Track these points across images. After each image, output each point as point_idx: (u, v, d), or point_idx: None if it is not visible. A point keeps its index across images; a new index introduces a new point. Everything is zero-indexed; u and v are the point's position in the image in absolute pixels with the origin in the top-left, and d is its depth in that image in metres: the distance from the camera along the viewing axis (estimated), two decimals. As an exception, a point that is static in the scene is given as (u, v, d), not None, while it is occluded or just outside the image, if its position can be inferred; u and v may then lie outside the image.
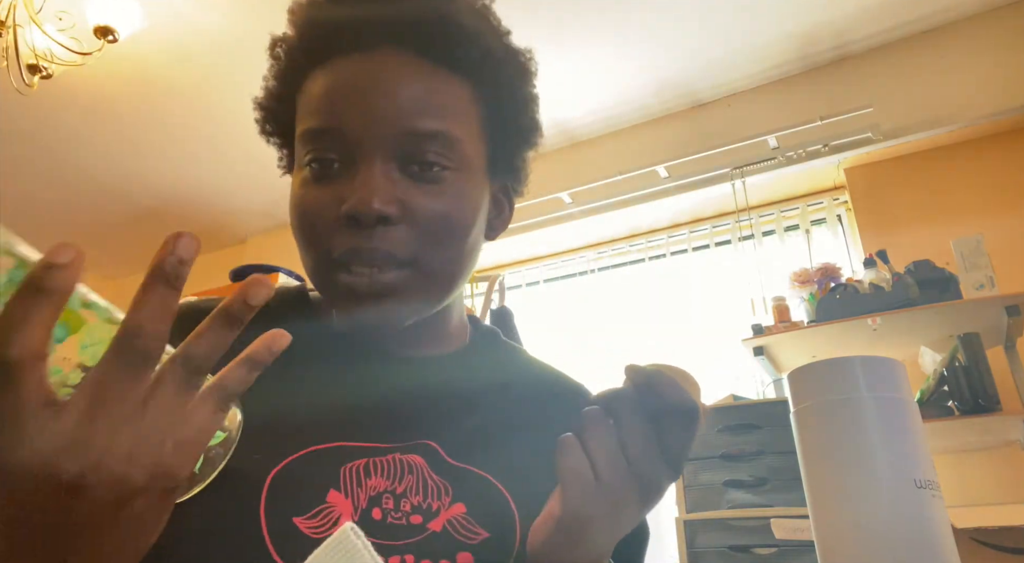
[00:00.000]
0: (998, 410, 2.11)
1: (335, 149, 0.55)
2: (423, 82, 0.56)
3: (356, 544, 0.34)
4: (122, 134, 3.27)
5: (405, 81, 0.55)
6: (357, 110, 0.54)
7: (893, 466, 0.45)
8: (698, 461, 1.91)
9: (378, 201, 0.52)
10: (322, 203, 0.54)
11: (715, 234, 3.35)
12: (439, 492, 0.54)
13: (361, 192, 0.52)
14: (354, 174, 0.54)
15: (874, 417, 0.46)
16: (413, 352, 0.63)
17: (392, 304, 0.54)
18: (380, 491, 0.52)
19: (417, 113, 0.54)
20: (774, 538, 1.68)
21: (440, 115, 0.55)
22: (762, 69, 3.01)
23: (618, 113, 3.25)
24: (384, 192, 0.53)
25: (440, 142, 0.55)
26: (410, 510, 0.52)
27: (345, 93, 0.55)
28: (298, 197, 0.56)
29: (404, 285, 0.54)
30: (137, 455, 0.33)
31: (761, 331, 2.42)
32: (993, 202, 2.69)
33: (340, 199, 0.53)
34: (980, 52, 2.72)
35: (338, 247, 0.53)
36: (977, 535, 1.93)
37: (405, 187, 0.54)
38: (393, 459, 0.54)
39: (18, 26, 2.33)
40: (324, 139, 0.55)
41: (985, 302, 2.14)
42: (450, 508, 0.53)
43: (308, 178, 0.56)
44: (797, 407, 0.50)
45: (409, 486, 0.54)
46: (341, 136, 0.54)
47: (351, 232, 0.53)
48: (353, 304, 0.54)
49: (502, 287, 2.71)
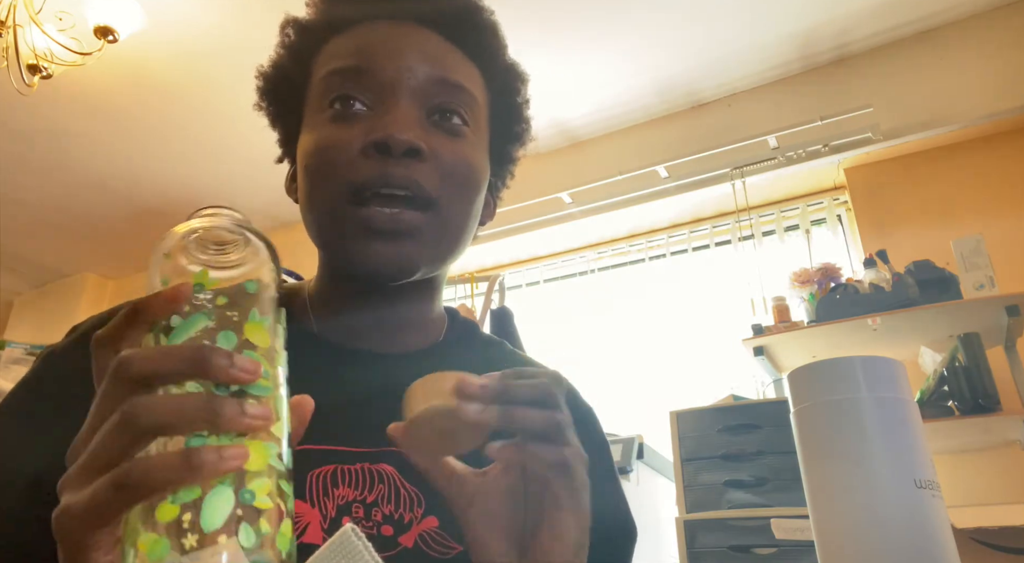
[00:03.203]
0: (998, 410, 2.11)
1: (362, 90, 0.55)
2: (447, 51, 0.59)
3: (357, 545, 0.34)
4: (122, 134, 3.27)
5: (433, 45, 0.58)
6: (388, 55, 0.56)
7: (893, 466, 0.45)
8: (698, 461, 1.91)
9: (408, 132, 0.53)
10: (346, 138, 0.54)
11: (715, 234, 3.35)
12: (411, 503, 0.52)
13: (390, 123, 0.53)
14: (382, 113, 0.54)
15: (874, 417, 0.46)
16: (390, 346, 0.61)
17: (409, 245, 0.54)
18: (349, 500, 0.51)
19: (448, 69, 0.57)
20: (774, 538, 1.68)
21: (466, 78, 0.59)
22: (762, 69, 3.01)
23: (618, 113, 3.25)
24: (411, 127, 0.54)
25: (464, 95, 0.58)
26: (382, 520, 0.51)
27: (377, 42, 0.57)
28: (317, 136, 0.56)
29: (422, 227, 0.54)
30: None
31: (761, 331, 2.42)
32: (993, 202, 2.69)
33: (366, 133, 0.53)
34: (980, 52, 2.72)
35: (362, 174, 0.53)
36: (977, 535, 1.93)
37: (431, 132, 0.56)
38: (362, 469, 0.52)
39: (18, 26, 2.33)
40: (353, 78, 0.56)
41: (985, 302, 2.14)
42: (423, 521, 0.51)
43: (329, 119, 0.56)
44: (797, 407, 0.50)
45: (381, 495, 0.52)
46: (371, 76, 0.55)
47: (376, 161, 0.53)
48: (372, 239, 0.53)
49: (502, 287, 2.71)
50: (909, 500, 0.44)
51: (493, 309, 2.56)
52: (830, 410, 0.47)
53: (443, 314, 0.68)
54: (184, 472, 0.28)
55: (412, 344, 0.63)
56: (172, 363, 0.30)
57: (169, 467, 0.28)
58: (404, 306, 0.61)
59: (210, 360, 0.30)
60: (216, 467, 0.28)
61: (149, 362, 0.30)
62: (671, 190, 3.15)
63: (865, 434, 0.46)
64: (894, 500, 0.44)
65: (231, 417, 0.30)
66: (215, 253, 0.35)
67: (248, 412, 0.30)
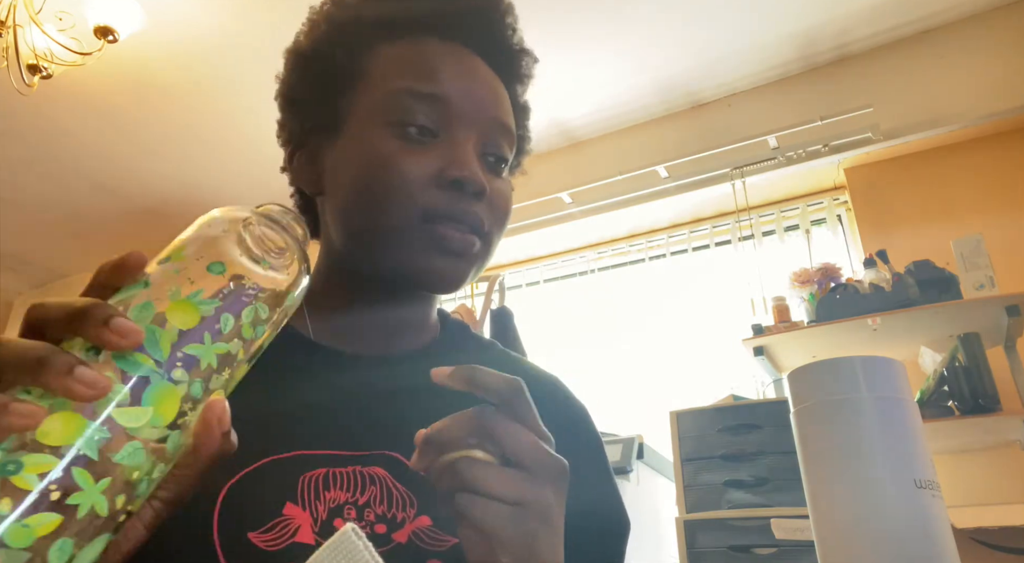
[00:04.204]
0: (998, 410, 2.11)
1: (432, 116, 0.58)
2: (501, 87, 0.63)
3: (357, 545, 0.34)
4: (122, 134, 3.27)
5: (492, 79, 0.63)
6: (465, 88, 0.59)
7: (893, 466, 0.45)
8: (698, 461, 1.91)
9: (481, 176, 0.57)
10: (416, 163, 0.56)
11: (715, 234, 3.35)
12: (404, 503, 0.52)
13: (466, 163, 0.57)
14: (451, 145, 0.58)
15: (874, 417, 0.46)
16: (385, 349, 0.62)
17: (466, 265, 0.59)
18: (341, 503, 0.51)
19: (504, 109, 0.62)
20: (774, 538, 1.68)
21: (511, 118, 0.63)
22: (762, 69, 3.01)
23: (618, 113, 3.25)
24: (478, 166, 0.58)
25: (511, 139, 0.63)
26: (374, 520, 0.51)
27: (451, 68, 0.60)
28: (381, 151, 0.57)
29: (477, 252, 0.59)
30: None
31: (761, 331, 2.42)
32: (993, 202, 2.69)
33: (440, 165, 0.57)
34: (980, 52, 2.72)
35: (439, 205, 0.56)
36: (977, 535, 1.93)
37: (485, 170, 0.60)
38: (354, 472, 0.53)
39: (18, 26, 2.33)
40: (426, 103, 0.58)
41: (985, 302, 2.14)
42: (415, 520, 0.52)
43: (394, 135, 0.57)
44: (797, 407, 0.50)
45: (373, 496, 0.52)
46: (444, 105, 0.58)
47: (450, 196, 0.56)
48: (443, 255, 0.57)
49: (502, 287, 2.71)
50: (909, 500, 0.44)
51: (493, 309, 2.56)
52: (830, 410, 0.47)
53: (436, 317, 0.69)
54: None
55: (406, 346, 0.64)
56: (56, 312, 0.29)
57: None
58: (406, 310, 0.63)
59: (88, 312, 0.28)
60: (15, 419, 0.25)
61: (42, 308, 0.29)
62: (671, 190, 3.15)
63: (865, 434, 0.46)
64: (894, 500, 0.44)
65: (53, 371, 0.26)
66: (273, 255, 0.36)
67: (76, 373, 0.27)
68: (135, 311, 0.31)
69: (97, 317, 0.28)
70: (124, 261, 0.32)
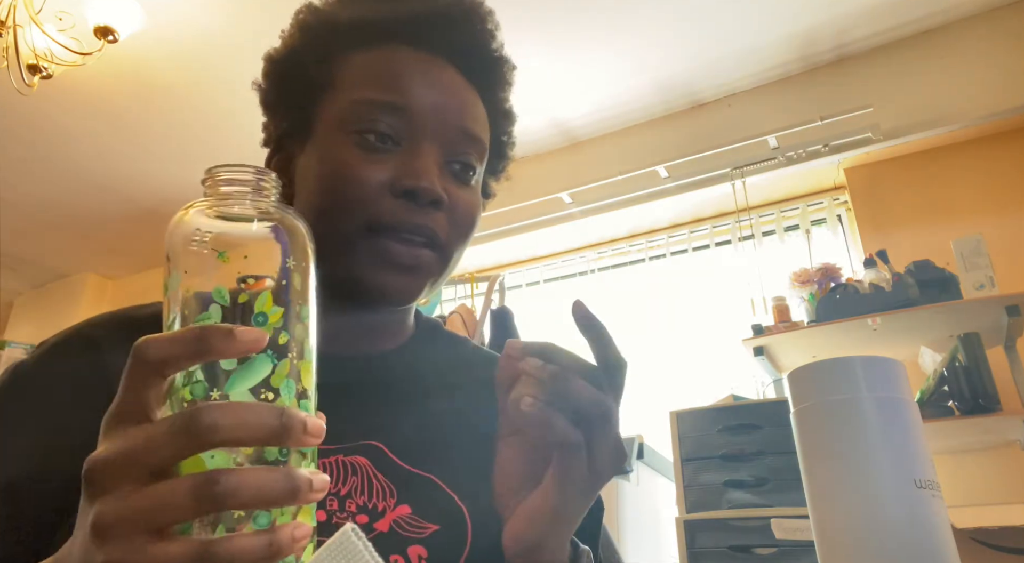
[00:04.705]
0: (998, 410, 2.11)
1: (392, 125, 0.57)
2: (471, 96, 0.62)
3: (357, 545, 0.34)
4: (122, 134, 3.27)
5: (462, 88, 0.62)
6: (426, 96, 0.58)
7: (893, 466, 0.45)
8: (698, 461, 1.91)
9: (437, 185, 0.56)
10: (371, 172, 0.56)
11: (715, 234, 3.35)
12: (384, 493, 0.54)
13: (421, 173, 0.56)
14: (409, 154, 0.57)
15: (874, 417, 0.46)
16: (360, 348, 0.63)
17: (416, 279, 0.58)
18: None
19: (471, 118, 0.61)
20: (774, 538, 1.68)
21: (482, 127, 0.62)
22: (762, 69, 3.01)
23: (618, 113, 3.25)
24: (436, 176, 0.57)
25: (479, 147, 0.62)
26: (355, 510, 0.52)
27: (414, 78, 0.59)
28: (339, 159, 0.57)
29: (430, 266, 0.59)
30: None
31: (761, 331, 2.42)
32: (993, 202, 2.69)
33: (394, 174, 0.56)
34: (980, 52, 2.72)
35: (388, 216, 0.56)
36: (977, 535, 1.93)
37: (447, 179, 0.59)
38: (336, 461, 0.54)
39: (18, 26, 2.33)
40: (386, 113, 0.57)
41: (985, 302, 2.14)
42: (396, 509, 0.53)
43: (354, 144, 0.57)
44: (797, 407, 0.50)
45: (354, 487, 0.53)
46: (405, 115, 0.57)
47: (404, 206, 0.56)
48: (388, 270, 0.57)
49: (502, 287, 2.71)
50: (909, 500, 0.44)
51: (493, 309, 2.56)
52: (830, 410, 0.47)
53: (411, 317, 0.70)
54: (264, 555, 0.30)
55: (383, 345, 0.65)
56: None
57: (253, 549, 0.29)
58: (380, 316, 0.64)
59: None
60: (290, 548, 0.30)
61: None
62: (671, 190, 3.15)
63: (865, 434, 0.46)
64: (894, 500, 0.44)
65: (297, 433, 0.31)
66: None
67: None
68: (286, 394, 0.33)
69: (297, 430, 0.31)
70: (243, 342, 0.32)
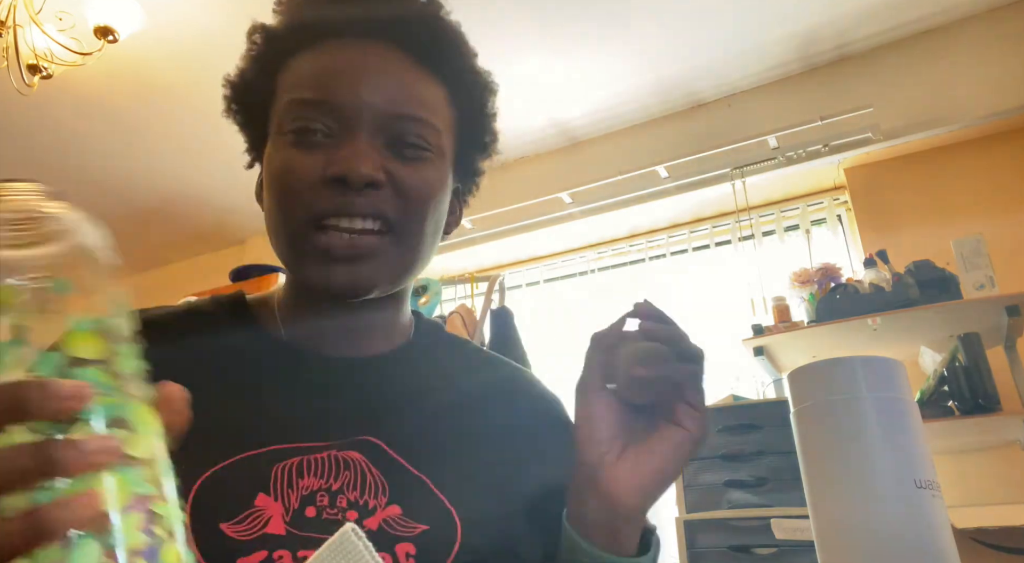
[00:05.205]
0: (998, 410, 2.11)
1: (323, 120, 0.56)
2: (411, 75, 0.60)
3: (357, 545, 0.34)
4: (122, 134, 3.26)
5: (395, 71, 0.59)
6: (350, 88, 0.57)
7: (893, 466, 0.45)
8: (698, 461, 1.91)
9: (367, 166, 0.55)
10: (306, 166, 0.56)
11: (715, 234, 3.35)
12: (376, 490, 0.54)
13: (350, 157, 0.54)
14: (341, 143, 0.56)
15: (874, 417, 0.46)
16: (358, 351, 0.63)
17: (366, 267, 0.56)
18: (313, 490, 0.52)
19: (404, 100, 0.58)
20: (774, 538, 1.68)
21: (423, 106, 0.59)
22: (762, 69, 3.01)
23: (618, 113, 3.25)
24: (372, 160, 0.55)
25: (423, 127, 0.58)
26: (346, 506, 0.52)
27: (339, 71, 0.58)
28: (279, 160, 0.57)
29: (379, 249, 0.56)
30: None
31: (761, 331, 2.42)
32: (993, 202, 2.69)
33: (325, 164, 0.55)
34: (980, 52, 2.72)
35: (321, 204, 0.55)
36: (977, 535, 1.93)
37: (389, 159, 0.57)
38: (329, 457, 0.54)
39: (18, 26, 2.33)
40: (314, 109, 0.57)
41: (985, 302, 2.14)
42: (386, 508, 0.53)
43: (291, 143, 0.57)
44: (797, 407, 0.50)
45: (346, 482, 0.53)
46: (331, 109, 0.56)
47: (337, 193, 0.55)
48: (330, 263, 0.55)
49: (502, 287, 2.71)
50: (909, 500, 0.44)
51: (493, 309, 2.56)
52: (830, 410, 0.47)
53: (410, 318, 0.70)
54: (32, 537, 0.24)
55: (379, 348, 0.65)
56: None
57: (13, 533, 0.24)
58: (368, 315, 0.63)
59: (24, 399, 0.26)
60: (66, 524, 0.25)
61: None
62: (671, 190, 3.15)
63: (865, 434, 0.46)
64: (894, 500, 0.44)
65: (70, 462, 0.25)
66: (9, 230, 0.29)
67: (87, 449, 0.26)
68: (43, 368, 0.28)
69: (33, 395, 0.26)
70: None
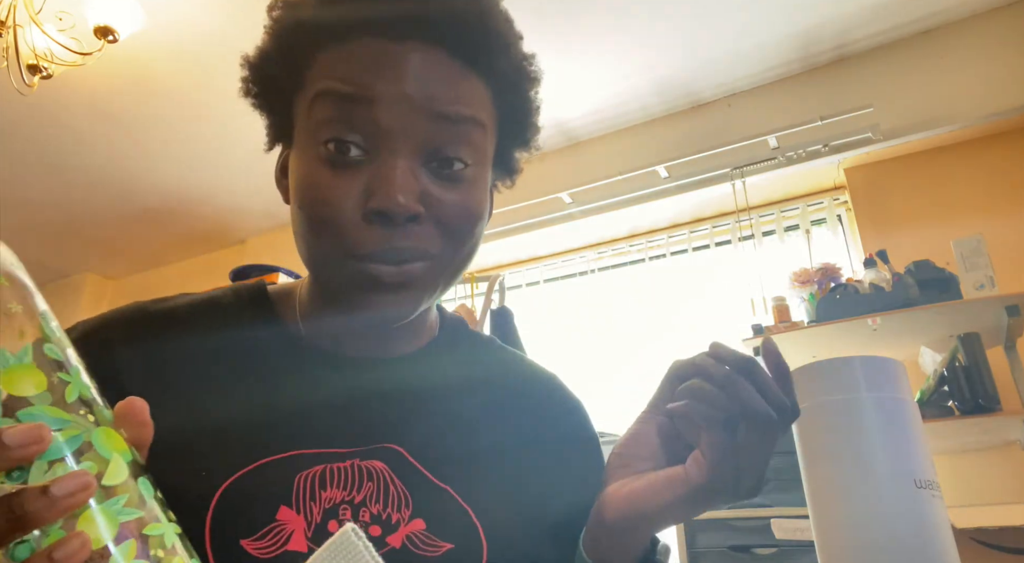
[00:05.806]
0: (998, 410, 2.11)
1: (357, 132, 0.52)
2: (453, 75, 0.55)
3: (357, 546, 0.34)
4: (122, 134, 3.26)
5: (437, 70, 0.54)
6: (390, 85, 0.52)
7: (893, 466, 0.45)
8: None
9: (407, 198, 0.51)
10: (343, 194, 0.52)
11: (715, 234, 3.35)
12: (400, 503, 0.52)
13: (389, 188, 0.51)
14: (380, 166, 0.52)
15: (874, 417, 0.46)
16: (383, 352, 0.61)
17: (410, 294, 0.54)
18: (336, 502, 0.50)
19: (448, 100, 0.53)
20: (774, 538, 1.68)
21: (468, 104, 0.55)
22: (762, 69, 3.01)
23: (618, 113, 3.25)
24: (410, 188, 0.52)
25: (464, 130, 0.54)
26: (369, 520, 0.50)
27: (380, 67, 0.53)
28: (310, 178, 0.53)
29: (424, 277, 0.54)
30: None
31: (761, 331, 2.42)
32: (993, 202, 2.69)
33: (363, 191, 0.52)
34: (980, 52, 2.72)
35: (366, 245, 0.51)
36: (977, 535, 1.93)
37: (427, 181, 0.53)
38: (352, 465, 0.52)
39: (18, 26, 2.33)
40: (349, 108, 0.52)
41: (985, 302, 2.14)
42: (410, 523, 0.51)
43: (324, 160, 0.52)
44: (797, 407, 0.50)
45: (369, 494, 0.51)
46: (369, 107, 0.52)
47: (380, 230, 0.51)
48: (374, 293, 0.52)
49: (502, 287, 2.71)
50: (909, 500, 0.44)
51: (493, 309, 2.56)
52: (830, 410, 0.47)
53: (435, 314, 0.68)
54: None
55: (403, 349, 0.63)
56: None
57: None
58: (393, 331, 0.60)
59: None
60: None
61: None
62: (671, 190, 3.15)
63: (865, 434, 0.46)
64: (894, 500, 0.44)
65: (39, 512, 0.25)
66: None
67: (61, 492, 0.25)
68: None
69: None
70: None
